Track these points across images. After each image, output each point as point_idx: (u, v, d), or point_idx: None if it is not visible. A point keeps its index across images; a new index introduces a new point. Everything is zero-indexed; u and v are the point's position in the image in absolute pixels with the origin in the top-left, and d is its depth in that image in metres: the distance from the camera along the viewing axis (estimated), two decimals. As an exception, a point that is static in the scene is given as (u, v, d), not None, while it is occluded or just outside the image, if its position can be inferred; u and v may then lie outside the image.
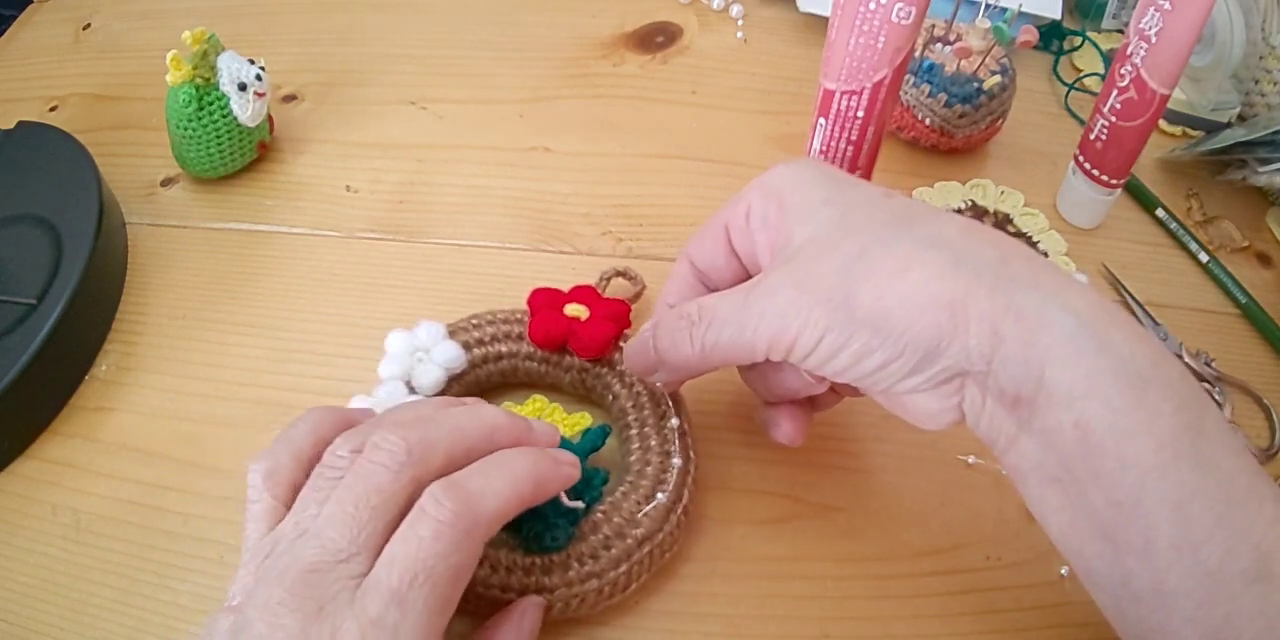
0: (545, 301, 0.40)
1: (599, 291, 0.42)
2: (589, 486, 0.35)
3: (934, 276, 0.28)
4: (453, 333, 0.39)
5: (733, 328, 0.31)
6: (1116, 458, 0.26)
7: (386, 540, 0.27)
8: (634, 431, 0.38)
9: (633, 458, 0.37)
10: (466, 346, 0.39)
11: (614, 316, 0.39)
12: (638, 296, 0.44)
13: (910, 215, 0.30)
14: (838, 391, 0.35)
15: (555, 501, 0.33)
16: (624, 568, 0.34)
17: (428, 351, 0.38)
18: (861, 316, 0.28)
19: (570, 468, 0.32)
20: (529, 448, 0.31)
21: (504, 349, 0.39)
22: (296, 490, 0.30)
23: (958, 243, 0.29)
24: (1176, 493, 0.26)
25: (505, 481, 0.29)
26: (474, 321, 0.40)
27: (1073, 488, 0.27)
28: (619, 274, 0.44)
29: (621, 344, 0.39)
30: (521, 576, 0.33)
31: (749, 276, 0.35)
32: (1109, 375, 0.26)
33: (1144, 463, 0.26)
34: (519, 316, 0.40)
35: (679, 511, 0.35)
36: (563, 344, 0.39)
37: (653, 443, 0.37)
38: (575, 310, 0.39)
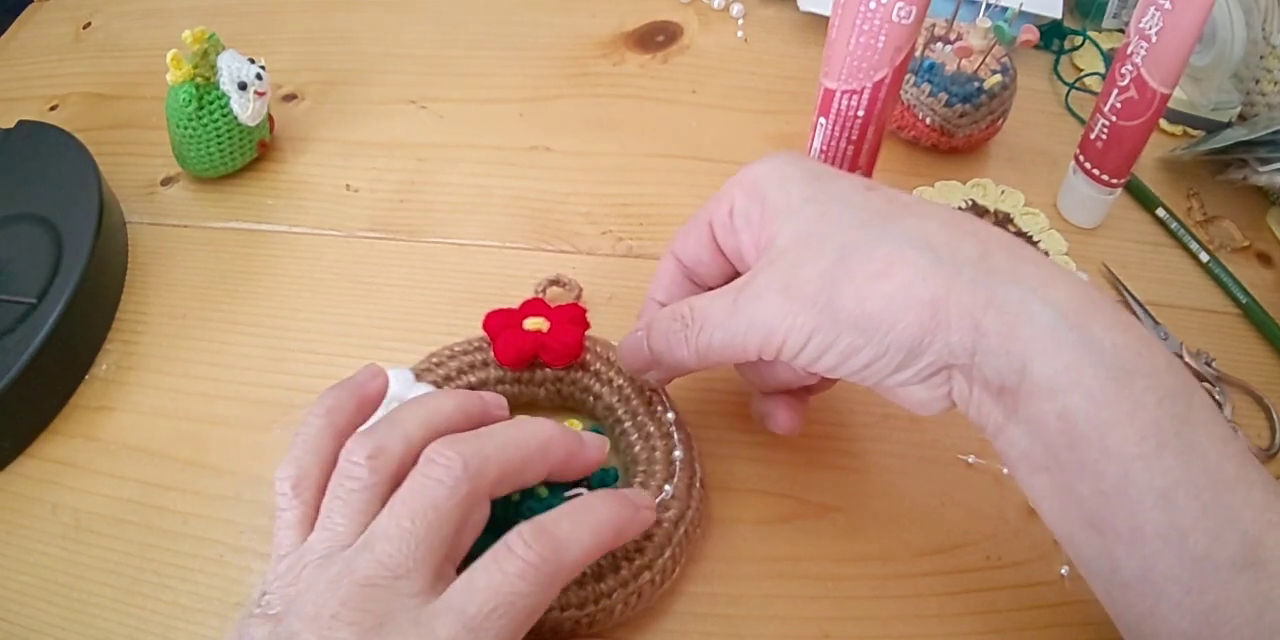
0: (502, 323, 0.39)
1: (546, 302, 0.41)
2: (604, 487, 0.35)
3: (915, 276, 0.28)
4: (419, 375, 0.38)
5: (724, 330, 0.31)
6: (1100, 448, 0.26)
7: (440, 556, 0.27)
8: (628, 424, 0.38)
9: (636, 448, 0.37)
10: (437, 385, 0.38)
11: (575, 320, 0.39)
12: (577, 299, 0.44)
13: (891, 210, 0.30)
14: (830, 379, 0.35)
15: None
16: (669, 552, 0.34)
17: (401, 400, 0.37)
18: (845, 318, 0.29)
19: (648, 511, 0.32)
20: (613, 493, 0.31)
21: (474, 379, 0.39)
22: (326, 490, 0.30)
23: (938, 238, 0.29)
24: (1161, 481, 0.26)
25: (590, 530, 0.29)
26: (435, 360, 0.39)
27: (1060, 476, 0.27)
28: (553, 283, 0.44)
29: (587, 345, 0.40)
30: (576, 590, 0.33)
31: (734, 271, 0.35)
32: (1090, 367, 0.26)
33: (1128, 452, 0.26)
34: (477, 345, 0.40)
35: (698, 485, 0.36)
36: (532, 359, 0.39)
37: (651, 429, 0.37)
38: (535, 323, 0.39)
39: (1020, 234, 0.48)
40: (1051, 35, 0.59)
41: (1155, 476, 0.26)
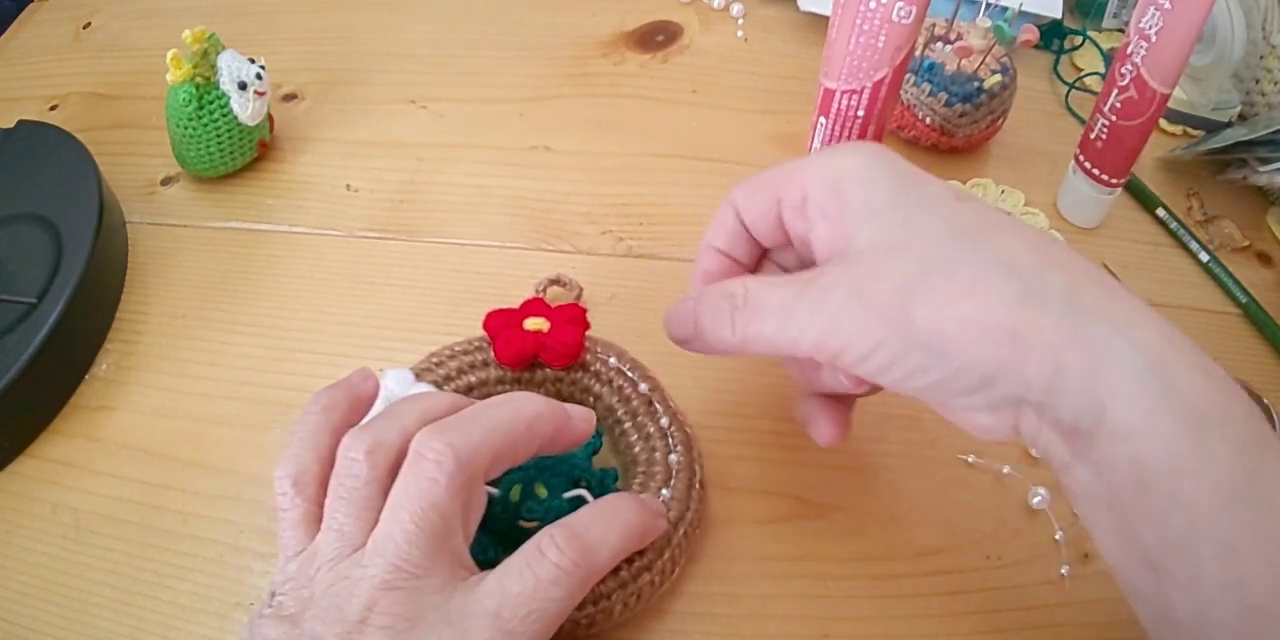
0: (503, 323, 0.39)
1: (546, 302, 0.41)
2: (604, 488, 0.35)
3: (997, 304, 0.27)
4: (419, 375, 0.38)
5: (778, 322, 0.30)
6: (1169, 496, 0.25)
7: (451, 547, 0.28)
8: (628, 425, 0.38)
9: (637, 449, 0.37)
10: (437, 385, 0.38)
11: (575, 320, 0.39)
12: (577, 299, 0.44)
13: (979, 228, 0.29)
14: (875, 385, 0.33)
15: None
16: (668, 554, 0.34)
17: None
18: (916, 336, 0.27)
19: (663, 519, 0.33)
20: (634, 497, 0.32)
21: (474, 379, 0.39)
22: (326, 487, 0.30)
23: (1027, 266, 0.27)
24: (1228, 534, 0.25)
25: (620, 534, 0.30)
26: (435, 360, 0.39)
27: (1123, 518, 0.27)
28: (553, 283, 0.44)
29: (587, 346, 0.39)
30: None
31: (789, 240, 0.33)
32: (1169, 414, 0.26)
33: (1197, 503, 0.25)
34: (477, 345, 0.40)
35: (697, 486, 0.36)
36: (532, 360, 0.39)
37: (651, 430, 0.37)
38: (536, 324, 0.39)
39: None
40: (1051, 35, 0.59)
41: (1223, 528, 0.25)
